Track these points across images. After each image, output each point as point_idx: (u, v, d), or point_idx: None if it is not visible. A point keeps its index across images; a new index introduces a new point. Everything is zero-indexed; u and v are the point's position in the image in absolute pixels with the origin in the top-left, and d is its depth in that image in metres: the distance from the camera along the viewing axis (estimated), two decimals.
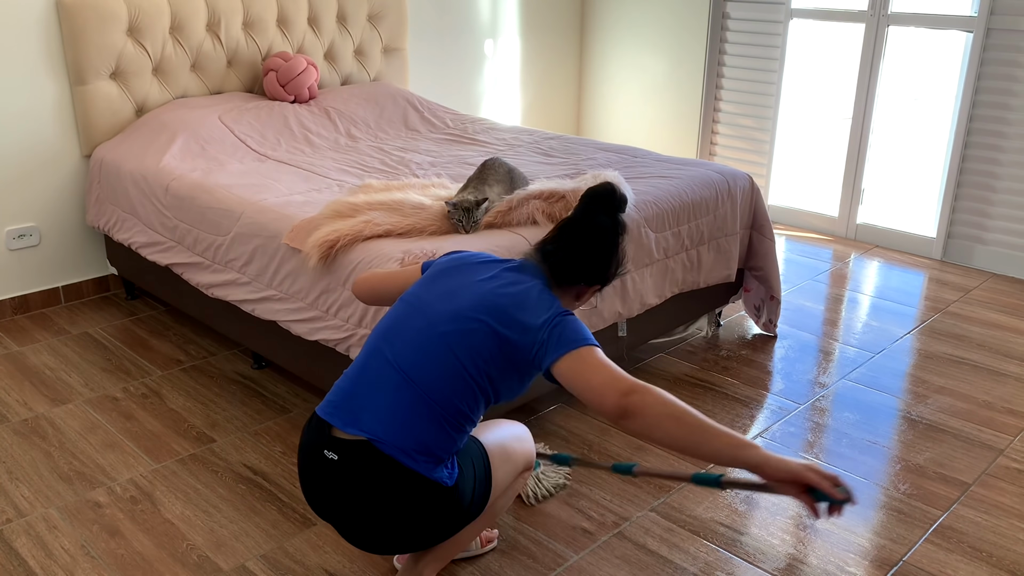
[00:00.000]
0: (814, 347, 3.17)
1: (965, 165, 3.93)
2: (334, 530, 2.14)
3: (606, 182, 1.76)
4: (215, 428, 2.60)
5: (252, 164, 3.12)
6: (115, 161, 3.18)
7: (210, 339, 3.19)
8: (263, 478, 2.36)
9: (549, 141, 3.52)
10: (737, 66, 4.60)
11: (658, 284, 2.82)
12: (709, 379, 2.93)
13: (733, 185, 3.04)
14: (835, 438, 2.58)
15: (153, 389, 2.83)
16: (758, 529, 2.17)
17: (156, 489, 2.31)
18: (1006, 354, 3.13)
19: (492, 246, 2.33)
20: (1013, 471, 2.43)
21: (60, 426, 2.60)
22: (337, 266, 2.33)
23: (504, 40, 4.81)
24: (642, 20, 4.91)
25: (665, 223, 2.79)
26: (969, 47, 3.80)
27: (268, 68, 3.58)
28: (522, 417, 2.67)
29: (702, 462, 2.39)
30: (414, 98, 3.91)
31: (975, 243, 3.98)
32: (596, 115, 5.31)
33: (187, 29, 3.41)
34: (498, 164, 2.64)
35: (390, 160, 3.24)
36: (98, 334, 3.21)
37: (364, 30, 4.00)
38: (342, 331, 2.33)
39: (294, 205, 2.64)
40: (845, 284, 3.78)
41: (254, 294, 2.62)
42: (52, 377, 2.89)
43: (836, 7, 4.19)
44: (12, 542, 2.10)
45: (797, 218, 4.56)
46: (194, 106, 3.35)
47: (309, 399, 2.77)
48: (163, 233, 2.97)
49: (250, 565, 2.03)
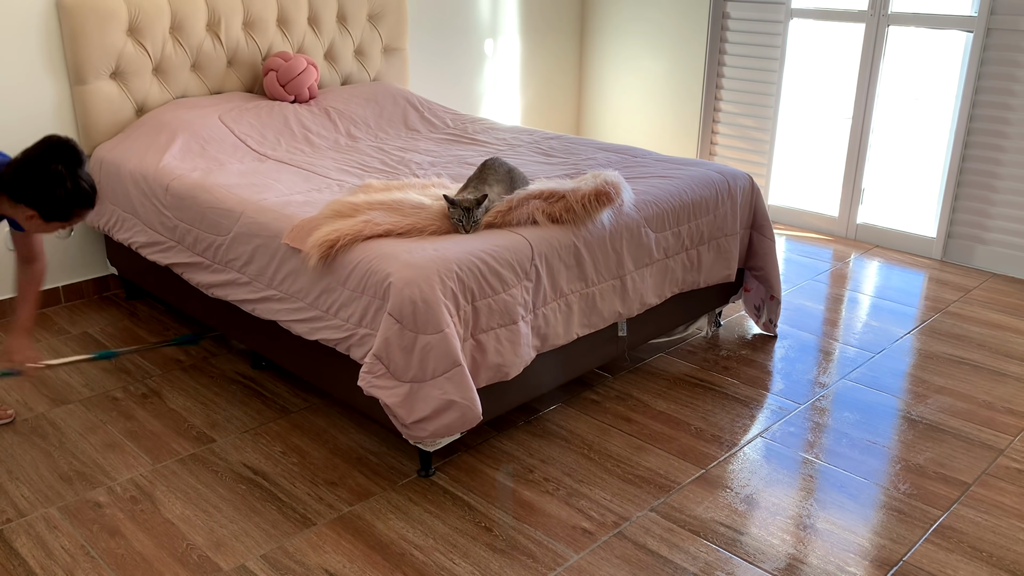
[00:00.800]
0: (814, 347, 3.17)
1: (965, 165, 3.93)
2: (334, 530, 2.15)
3: (65, 139, 2.15)
4: (215, 428, 2.60)
5: (252, 164, 3.12)
6: (115, 161, 3.18)
7: (210, 339, 3.19)
8: (263, 478, 2.36)
9: (549, 141, 3.52)
10: (737, 66, 4.60)
11: (658, 284, 2.82)
12: (709, 379, 2.93)
13: (733, 185, 3.04)
14: (835, 438, 2.58)
15: (153, 389, 2.83)
16: (758, 529, 2.17)
17: (156, 489, 2.31)
18: (1006, 354, 3.13)
19: (493, 246, 2.33)
20: (1013, 471, 2.43)
21: (60, 426, 2.61)
22: (337, 266, 2.33)
23: (504, 40, 4.81)
24: (642, 20, 4.91)
25: (665, 223, 2.79)
26: (969, 47, 3.80)
27: (268, 68, 3.58)
28: (522, 417, 2.67)
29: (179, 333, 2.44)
30: (414, 98, 3.91)
31: (975, 243, 3.98)
32: (596, 115, 5.31)
33: (187, 29, 3.41)
34: (498, 164, 2.64)
35: (390, 160, 3.24)
36: (98, 334, 3.22)
37: (364, 30, 4.00)
38: (342, 331, 2.34)
39: (294, 205, 2.64)
40: (845, 284, 3.78)
41: (254, 294, 2.62)
42: (52, 377, 2.90)
43: (836, 7, 4.19)
44: (12, 542, 2.10)
45: (797, 218, 4.56)
46: (194, 106, 3.35)
47: (309, 399, 2.77)
48: (163, 233, 2.97)
49: (250, 565, 2.03)
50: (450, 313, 2.18)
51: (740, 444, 2.54)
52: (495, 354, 2.31)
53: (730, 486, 2.34)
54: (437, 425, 2.18)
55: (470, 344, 2.27)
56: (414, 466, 2.42)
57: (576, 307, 2.55)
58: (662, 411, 2.72)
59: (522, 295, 2.37)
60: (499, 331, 2.32)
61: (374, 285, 2.22)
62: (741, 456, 2.48)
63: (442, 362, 2.15)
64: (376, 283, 2.22)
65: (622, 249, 2.65)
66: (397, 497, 2.28)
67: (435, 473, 2.39)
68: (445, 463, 2.43)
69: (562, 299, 2.50)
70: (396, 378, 2.18)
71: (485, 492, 2.31)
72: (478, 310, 2.27)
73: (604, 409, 2.73)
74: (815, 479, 2.38)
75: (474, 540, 2.12)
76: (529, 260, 2.38)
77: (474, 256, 2.27)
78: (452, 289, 2.19)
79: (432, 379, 2.16)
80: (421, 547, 2.09)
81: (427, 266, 2.19)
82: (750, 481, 2.37)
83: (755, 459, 2.47)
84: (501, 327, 2.32)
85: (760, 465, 2.44)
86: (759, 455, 2.49)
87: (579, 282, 2.54)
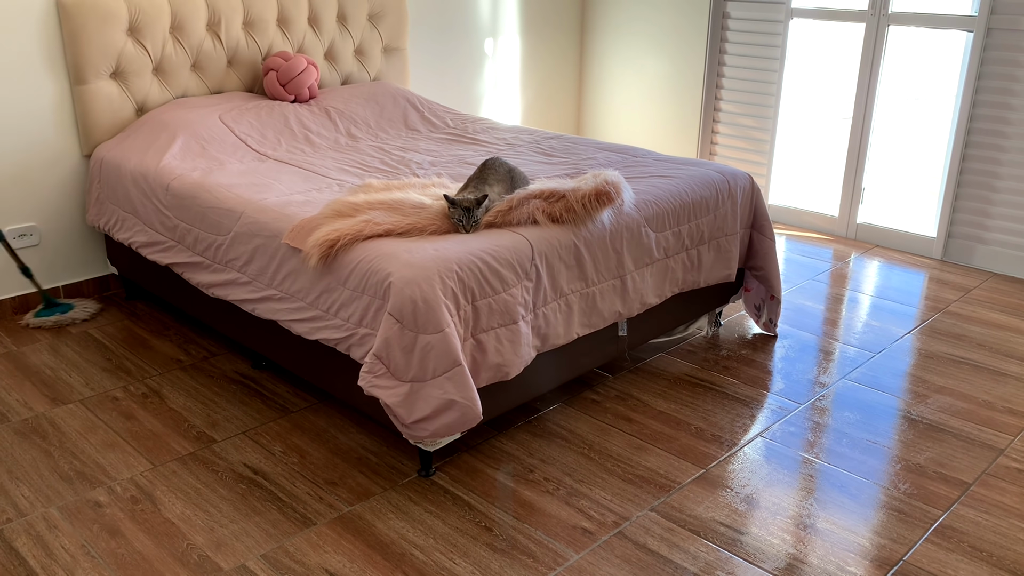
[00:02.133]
0: (814, 347, 3.17)
1: (965, 165, 3.93)
2: (334, 529, 2.15)
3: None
4: (215, 428, 2.60)
5: (252, 164, 3.12)
6: (115, 161, 3.18)
7: (210, 339, 3.19)
8: (263, 477, 2.36)
9: (549, 141, 3.52)
10: (737, 65, 4.60)
11: (658, 284, 2.82)
12: (709, 379, 2.93)
13: (733, 185, 3.04)
14: (835, 438, 2.58)
15: (153, 389, 2.83)
16: (758, 529, 2.17)
17: (156, 489, 2.31)
18: (1006, 354, 3.13)
19: (493, 246, 2.33)
20: (1013, 471, 2.43)
21: (60, 426, 2.61)
22: (337, 266, 2.33)
23: (504, 40, 4.81)
24: (643, 19, 4.91)
25: (665, 223, 2.79)
26: (969, 47, 3.80)
27: (268, 68, 3.58)
28: (522, 416, 2.67)
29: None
30: (414, 98, 3.91)
31: (975, 243, 3.98)
32: (596, 115, 5.31)
33: (187, 29, 3.41)
34: (498, 164, 2.64)
35: (390, 160, 3.24)
36: (98, 334, 3.22)
37: (364, 30, 4.00)
38: (342, 331, 2.33)
39: (294, 205, 2.64)
40: (845, 284, 3.78)
41: (254, 294, 2.62)
42: (52, 377, 2.90)
43: (836, 7, 4.19)
44: (12, 542, 2.10)
45: (797, 218, 4.56)
46: (194, 106, 3.35)
47: (309, 399, 2.77)
48: (163, 233, 2.97)
49: (250, 564, 2.03)
50: (450, 313, 2.18)
51: (740, 444, 2.54)
52: (495, 354, 2.31)
53: (730, 486, 2.34)
54: (437, 425, 2.18)
55: (470, 344, 2.27)
56: (414, 466, 2.42)
57: (576, 307, 2.55)
58: (662, 411, 2.72)
59: (522, 295, 2.37)
60: (499, 331, 2.32)
61: (374, 285, 2.22)
62: (741, 456, 2.48)
63: (442, 362, 2.15)
64: (376, 283, 2.22)
65: (622, 249, 2.65)
66: (397, 497, 2.28)
67: (435, 473, 2.39)
68: (445, 463, 2.43)
69: (562, 299, 2.50)
70: (396, 378, 2.18)
71: (485, 492, 2.31)
72: (478, 310, 2.27)
73: (604, 409, 2.73)
74: (815, 479, 2.38)
75: (474, 540, 2.12)
76: (529, 260, 2.38)
77: (474, 256, 2.27)
78: (452, 289, 2.19)
79: (432, 379, 2.16)
80: (421, 547, 2.09)
81: (427, 266, 2.19)
82: (750, 481, 2.37)
83: (755, 459, 2.47)
84: (501, 327, 2.32)
85: (760, 465, 2.44)
86: (759, 455, 2.49)
87: (579, 282, 2.54)
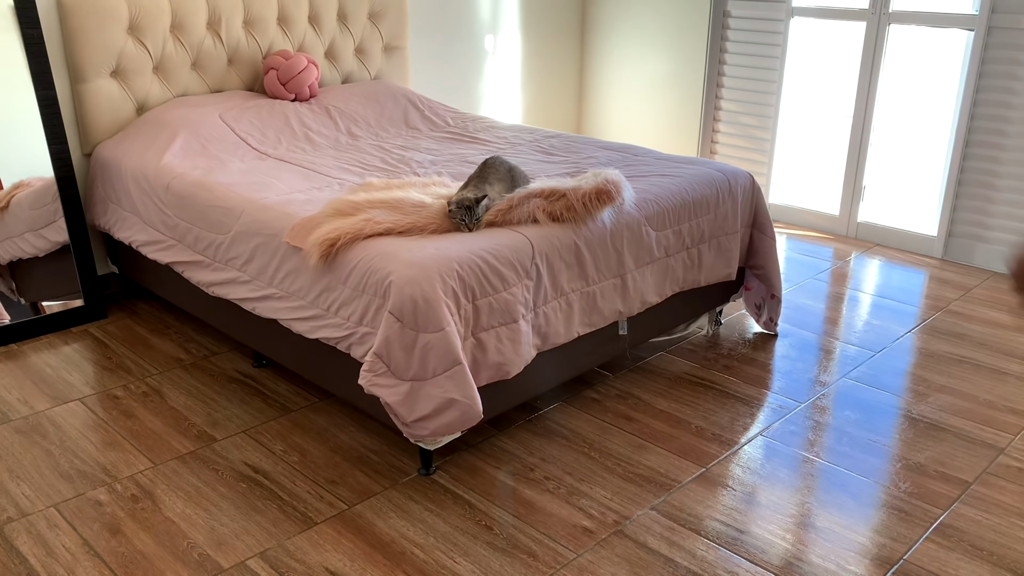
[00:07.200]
0: (815, 345, 3.17)
1: (966, 163, 3.92)
2: (335, 528, 2.15)
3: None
4: (216, 426, 2.60)
5: (253, 162, 3.12)
6: (116, 160, 3.18)
7: (211, 337, 3.19)
8: (264, 476, 2.36)
9: (550, 139, 3.52)
10: (738, 64, 4.60)
11: (659, 282, 2.82)
12: (710, 377, 2.93)
13: (734, 183, 3.04)
14: (836, 436, 2.58)
15: (154, 387, 2.83)
16: (759, 528, 2.17)
17: (157, 487, 2.31)
18: (1007, 353, 3.13)
19: (494, 245, 2.33)
20: (1014, 470, 2.43)
21: (61, 424, 2.61)
22: (338, 265, 2.33)
23: (505, 38, 4.80)
24: (643, 18, 4.91)
25: (666, 221, 2.79)
26: (970, 46, 3.80)
27: (269, 66, 3.58)
28: (522, 416, 2.67)
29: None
30: (415, 96, 3.91)
31: (976, 241, 3.98)
32: (597, 113, 5.31)
33: (188, 27, 3.41)
34: (499, 162, 2.64)
35: (391, 158, 3.24)
36: (99, 332, 3.22)
37: (365, 28, 3.99)
38: (343, 329, 2.34)
39: (295, 203, 2.64)
40: (846, 282, 3.78)
41: (255, 292, 2.62)
42: (53, 375, 2.90)
43: (837, 5, 4.19)
44: (13, 540, 2.10)
45: (798, 216, 4.56)
46: (195, 104, 3.35)
47: (310, 398, 2.77)
48: (164, 231, 2.97)
49: (251, 563, 2.03)
50: (451, 312, 2.18)
51: (741, 443, 2.54)
52: (496, 353, 2.31)
53: (731, 485, 2.34)
54: (438, 424, 2.18)
55: (471, 343, 2.27)
56: (415, 465, 2.42)
57: (577, 306, 2.55)
58: (663, 410, 2.72)
59: (523, 294, 2.37)
60: (500, 330, 2.32)
61: (375, 284, 2.22)
62: (742, 455, 2.48)
63: (443, 361, 2.15)
64: (377, 282, 2.22)
65: (623, 248, 2.65)
66: (398, 496, 2.28)
67: (436, 472, 2.39)
68: (446, 462, 2.44)
69: (563, 298, 2.50)
70: (397, 377, 2.18)
71: (486, 491, 2.31)
72: (479, 309, 2.27)
73: (605, 408, 2.73)
74: (815, 478, 2.38)
75: (475, 539, 2.12)
76: (530, 259, 2.38)
77: (475, 255, 2.27)
78: (453, 288, 2.19)
79: (433, 378, 2.16)
80: (422, 546, 2.09)
81: (428, 265, 2.19)
82: (751, 480, 2.37)
83: (756, 458, 2.47)
84: (502, 326, 2.32)
85: (761, 464, 2.44)
86: (760, 454, 2.49)
87: (580, 281, 2.54)
